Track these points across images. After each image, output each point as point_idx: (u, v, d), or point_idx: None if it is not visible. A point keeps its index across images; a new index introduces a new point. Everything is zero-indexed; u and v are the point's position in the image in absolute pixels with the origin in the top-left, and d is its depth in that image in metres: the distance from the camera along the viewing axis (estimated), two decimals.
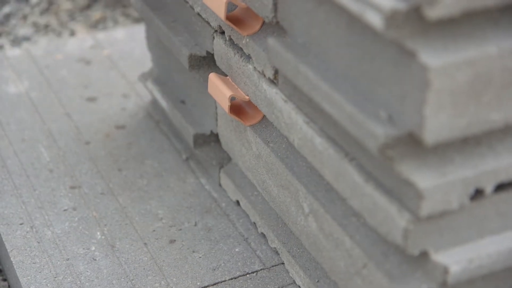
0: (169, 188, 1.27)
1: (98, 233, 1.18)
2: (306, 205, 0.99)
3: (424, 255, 0.83)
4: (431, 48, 0.73)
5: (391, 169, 0.81)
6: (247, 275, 1.10)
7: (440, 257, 0.81)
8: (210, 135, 1.24)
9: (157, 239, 1.17)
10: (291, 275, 1.09)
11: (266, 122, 1.09)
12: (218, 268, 1.11)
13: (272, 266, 1.12)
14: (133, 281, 1.09)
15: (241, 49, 1.08)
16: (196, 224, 1.19)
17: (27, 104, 1.48)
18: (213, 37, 1.14)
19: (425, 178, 0.78)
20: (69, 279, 1.09)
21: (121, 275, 1.10)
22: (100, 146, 1.36)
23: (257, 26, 1.03)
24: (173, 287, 1.08)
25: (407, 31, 0.73)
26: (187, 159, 1.33)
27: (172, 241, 1.16)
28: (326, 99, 0.86)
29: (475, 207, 0.82)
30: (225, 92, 1.09)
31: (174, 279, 1.09)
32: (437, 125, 0.74)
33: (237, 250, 1.14)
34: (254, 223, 1.18)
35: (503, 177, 0.80)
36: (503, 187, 0.82)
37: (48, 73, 1.57)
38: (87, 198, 1.25)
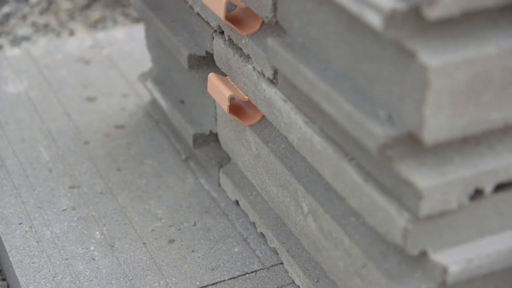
0: (168, 188, 1.27)
1: (97, 233, 1.18)
2: (305, 205, 0.99)
3: (424, 255, 0.83)
4: (431, 48, 0.73)
5: (391, 169, 0.81)
6: (246, 275, 1.10)
7: (440, 257, 0.81)
8: (210, 135, 1.24)
9: (156, 239, 1.17)
10: (290, 275, 1.09)
11: (266, 122, 1.09)
12: (217, 268, 1.11)
13: (271, 266, 1.11)
14: (132, 281, 1.09)
15: (241, 49, 1.08)
16: (195, 224, 1.19)
17: (27, 104, 1.48)
18: (213, 37, 1.14)
19: (425, 178, 0.78)
20: (68, 279, 1.09)
21: (120, 275, 1.10)
22: (100, 146, 1.36)
23: (257, 26, 1.03)
24: (172, 287, 1.08)
25: (407, 31, 0.73)
26: (187, 159, 1.33)
27: (171, 241, 1.16)
28: (326, 99, 0.86)
29: (475, 207, 0.82)
30: (225, 92, 1.09)
31: (173, 279, 1.09)
32: (437, 125, 0.74)
33: (236, 250, 1.14)
34: (253, 223, 1.18)
35: (503, 177, 0.80)
36: (503, 187, 0.82)
37: (48, 73, 1.57)
38: (86, 198, 1.24)
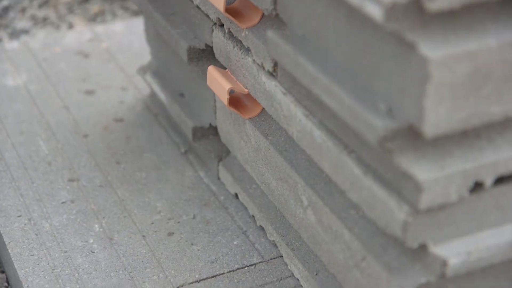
0: (168, 181, 1.26)
1: (96, 226, 1.18)
2: (305, 198, 0.99)
3: (423, 248, 0.83)
4: (431, 41, 0.73)
5: (391, 162, 0.81)
6: (246, 268, 1.10)
7: (439, 250, 0.81)
8: (209, 128, 1.24)
9: (156, 232, 1.17)
10: (290, 268, 1.09)
11: (265, 115, 1.09)
12: (217, 261, 1.11)
13: (271, 259, 1.12)
14: (131, 274, 1.09)
15: (240, 42, 1.08)
16: (195, 217, 1.19)
17: (25, 97, 1.48)
18: (212, 30, 1.14)
19: (425, 171, 0.78)
20: (67, 271, 1.09)
21: (119, 268, 1.10)
22: (98, 139, 1.36)
23: (257, 19, 1.03)
24: (171, 280, 1.08)
25: (407, 24, 0.73)
26: (186, 152, 1.33)
27: (171, 234, 1.16)
28: (326, 92, 0.86)
29: (474, 200, 0.82)
30: (224, 85, 1.09)
31: (173, 272, 1.09)
32: (437, 118, 0.74)
33: (236, 243, 1.14)
34: (253, 216, 1.18)
35: (503, 170, 0.80)
36: (503, 180, 0.82)
37: (46, 66, 1.56)
38: (85, 191, 1.24)
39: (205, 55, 1.18)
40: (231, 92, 1.10)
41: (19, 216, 1.19)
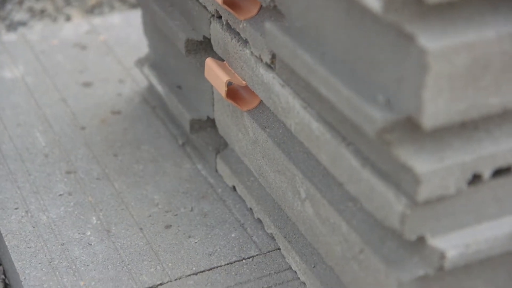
0: (165, 174, 1.26)
1: (94, 218, 1.17)
2: (303, 190, 0.99)
3: (421, 240, 0.82)
4: (430, 32, 0.73)
5: (389, 154, 0.81)
6: (243, 261, 1.10)
7: (437, 242, 0.81)
8: (207, 121, 1.24)
9: (153, 224, 1.16)
10: (287, 261, 1.09)
11: (263, 107, 1.08)
12: (214, 254, 1.11)
13: (268, 252, 1.11)
14: (129, 266, 1.09)
15: (238, 34, 1.07)
16: (192, 210, 1.19)
17: (23, 89, 1.47)
18: (210, 22, 1.13)
19: (423, 163, 0.78)
20: (64, 264, 1.09)
21: (117, 260, 1.10)
22: (96, 132, 1.35)
23: (255, 10, 1.03)
24: (169, 272, 1.08)
25: (406, 15, 0.73)
26: (183, 145, 1.32)
27: (168, 226, 1.16)
28: (324, 84, 0.85)
29: (473, 192, 0.82)
30: (222, 77, 1.08)
31: (170, 264, 1.09)
32: (435, 109, 0.74)
33: (233, 236, 1.14)
34: (251, 209, 1.18)
35: (501, 162, 0.80)
36: (501, 172, 0.82)
37: (44, 58, 1.56)
38: (83, 183, 1.24)
39: (203, 47, 1.18)
40: (229, 84, 1.10)
41: (16, 209, 1.19)
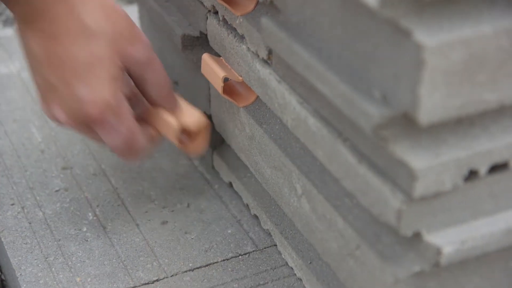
0: (162, 170, 1.26)
1: (90, 214, 1.17)
2: (299, 186, 0.99)
3: (417, 236, 0.82)
4: (426, 27, 0.72)
5: (385, 150, 0.80)
6: (240, 257, 1.10)
7: (433, 238, 0.81)
8: None
9: (149, 220, 1.16)
10: (284, 257, 1.09)
11: (260, 103, 1.08)
12: (211, 250, 1.11)
13: (265, 248, 1.11)
14: (125, 262, 1.09)
15: (235, 29, 1.07)
16: (189, 206, 1.19)
17: (18, 85, 1.47)
18: (207, 17, 1.13)
19: (419, 159, 0.77)
20: (61, 260, 1.09)
21: (113, 256, 1.10)
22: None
23: (251, 6, 1.03)
24: (165, 268, 1.08)
25: (402, 10, 0.73)
26: None
27: (164, 222, 1.16)
28: (320, 79, 0.85)
29: (469, 188, 0.81)
30: (219, 73, 1.08)
31: (166, 260, 1.09)
32: (431, 105, 0.74)
33: (230, 232, 1.14)
34: (247, 205, 1.18)
35: (497, 158, 0.80)
36: (497, 168, 0.82)
37: None
38: (79, 179, 1.24)
39: (200, 43, 1.18)
40: (226, 80, 1.10)
41: (12, 205, 1.19)
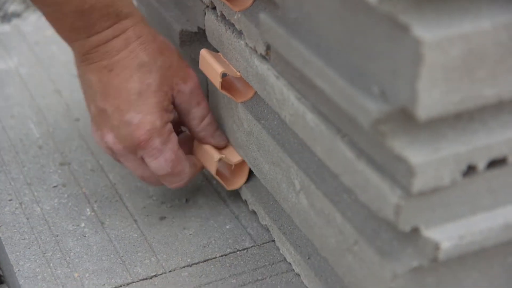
0: None
1: (88, 210, 1.17)
2: (298, 182, 0.99)
3: (416, 232, 0.82)
4: (425, 22, 0.72)
5: (383, 145, 0.80)
6: (238, 252, 1.10)
7: (432, 233, 0.81)
8: None
9: (148, 216, 1.16)
10: (282, 252, 1.09)
11: (258, 99, 1.08)
12: (209, 245, 1.11)
13: (263, 243, 1.11)
14: (123, 258, 1.09)
15: (233, 25, 1.07)
16: (187, 201, 1.19)
17: (16, 81, 1.47)
18: (205, 13, 1.13)
19: (417, 154, 0.77)
20: (58, 255, 1.09)
21: (111, 252, 1.10)
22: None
23: (249, 1, 1.02)
24: (163, 264, 1.08)
25: (401, 5, 0.73)
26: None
27: (163, 218, 1.16)
28: (318, 75, 0.85)
29: (467, 184, 0.81)
30: (217, 68, 1.08)
31: (164, 256, 1.09)
32: (430, 101, 0.74)
33: (228, 227, 1.14)
34: (245, 201, 1.18)
35: (496, 154, 0.80)
36: (496, 164, 0.82)
37: (38, 50, 1.55)
38: (77, 175, 1.24)
39: (198, 38, 1.18)
40: (224, 76, 1.10)
41: (10, 200, 1.19)
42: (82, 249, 1.10)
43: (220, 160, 1.13)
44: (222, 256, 1.09)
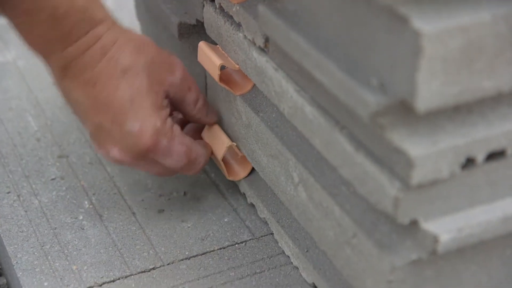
0: None
1: (86, 203, 1.17)
2: (296, 175, 0.99)
3: (414, 224, 0.82)
4: (424, 14, 0.72)
5: (382, 138, 0.80)
6: (236, 245, 1.10)
7: (430, 226, 0.81)
8: None
9: (146, 209, 1.16)
10: (280, 245, 1.09)
11: (256, 91, 1.08)
12: (207, 238, 1.11)
13: (261, 236, 1.11)
14: (121, 250, 1.08)
15: (231, 17, 1.07)
16: (185, 194, 1.19)
17: (14, 73, 1.46)
18: (203, 5, 1.13)
19: (416, 146, 0.77)
20: (57, 248, 1.08)
21: (109, 244, 1.09)
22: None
23: None
24: (162, 256, 1.08)
25: None
26: None
27: (161, 211, 1.16)
28: (317, 67, 0.85)
29: (466, 176, 0.81)
30: (215, 61, 1.08)
31: (163, 249, 1.09)
32: (429, 93, 0.74)
33: (226, 220, 1.14)
34: (244, 194, 1.17)
35: (495, 146, 0.80)
36: (494, 156, 0.82)
37: None
38: (75, 168, 1.24)
39: (196, 31, 1.17)
40: (222, 68, 1.09)
41: (8, 193, 1.19)
42: (80, 242, 1.10)
43: (229, 149, 1.13)
44: (221, 249, 1.09)
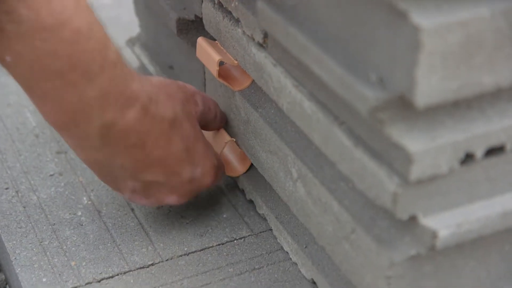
0: None
1: (85, 199, 1.17)
2: (295, 171, 0.99)
3: (413, 220, 0.82)
4: (423, 9, 0.72)
5: (381, 133, 0.80)
6: (235, 241, 1.10)
7: (429, 222, 0.81)
8: None
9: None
10: (279, 241, 1.08)
11: (255, 87, 1.08)
12: (206, 234, 1.11)
13: (260, 232, 1.11)
14: (120, 246, 1.08)
15: (230, 13, 1.07)
16: None
17: None
18: (202, 1, 1.12)
19: (416, 142, 0.77)
20: (55, 244, 1.08)
21: (108, 240, 1.09)
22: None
23: None
24: (160, 252, 1.07)
25: None
26: None
27: (160, 207, 1.15)
28: (316, 62, 0.85)
29: (465, 172, 0.81)
30: (214, 56, 1.08)
31: (161, 245, 1.09)
32: (428, 88, 0.74)
33: (225, 216, 1.14)
34: (242, 190, 1.17)
35: (494, 142, 0.80)
36: (494, 152, 0.82)
37: None
38: (74, 164, 1.23)
39: (195, 27, 1.17)
40: (221, 64, 1.09)
41: (7, 189, 1.18)
42: (79, 238, 1.09)
43: (228, 144, 1.13)
44: (219, 245, 1.09)
